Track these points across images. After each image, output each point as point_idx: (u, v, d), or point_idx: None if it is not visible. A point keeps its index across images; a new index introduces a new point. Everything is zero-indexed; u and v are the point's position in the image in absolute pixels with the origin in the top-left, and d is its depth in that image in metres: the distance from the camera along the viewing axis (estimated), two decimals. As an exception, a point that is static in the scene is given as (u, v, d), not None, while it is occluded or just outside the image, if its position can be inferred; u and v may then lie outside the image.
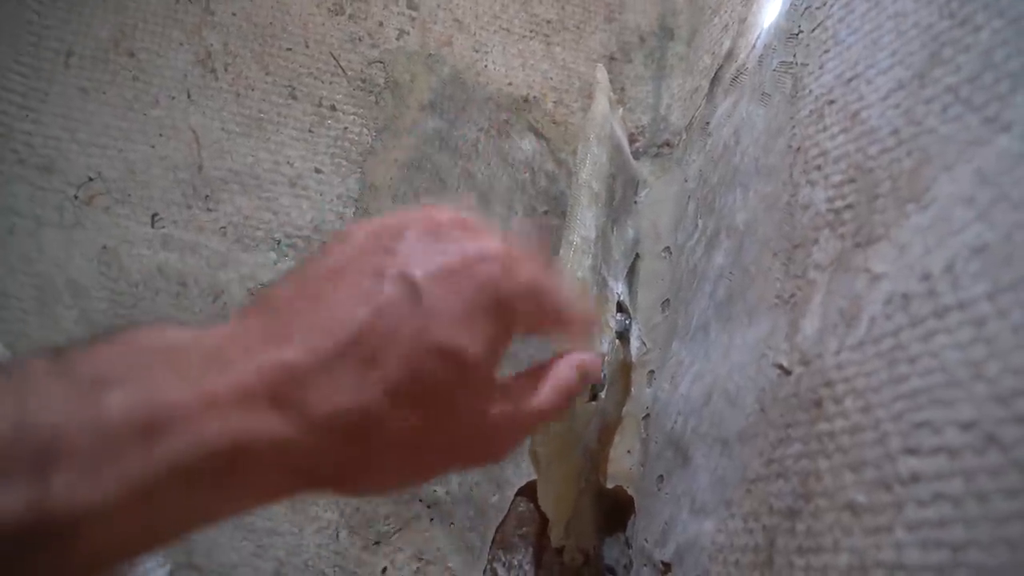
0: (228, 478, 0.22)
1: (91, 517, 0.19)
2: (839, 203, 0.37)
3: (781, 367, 0.37)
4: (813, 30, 0.44)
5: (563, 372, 0.32)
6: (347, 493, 0.27)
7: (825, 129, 0.40)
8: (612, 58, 0.68)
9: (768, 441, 0.37)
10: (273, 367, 0.23)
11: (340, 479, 0.25)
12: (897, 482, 0.28)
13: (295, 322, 0.24)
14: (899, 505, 0.27)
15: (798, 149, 0.42)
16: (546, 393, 0.30)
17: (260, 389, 0.23)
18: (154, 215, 0.52)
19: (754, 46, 0.53)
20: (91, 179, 0.51)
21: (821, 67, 0.42)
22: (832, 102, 0.40)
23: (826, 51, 0.42)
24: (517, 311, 0.28)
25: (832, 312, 0.35)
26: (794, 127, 0.43)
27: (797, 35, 0.46)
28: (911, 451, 0.27)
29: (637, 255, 0.61)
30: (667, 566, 0.45)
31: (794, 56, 0.45)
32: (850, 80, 0.39)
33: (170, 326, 0.24)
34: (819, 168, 0.39)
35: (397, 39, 0.62)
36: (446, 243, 0.27)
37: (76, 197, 0.51)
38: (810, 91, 0.42)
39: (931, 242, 0.30)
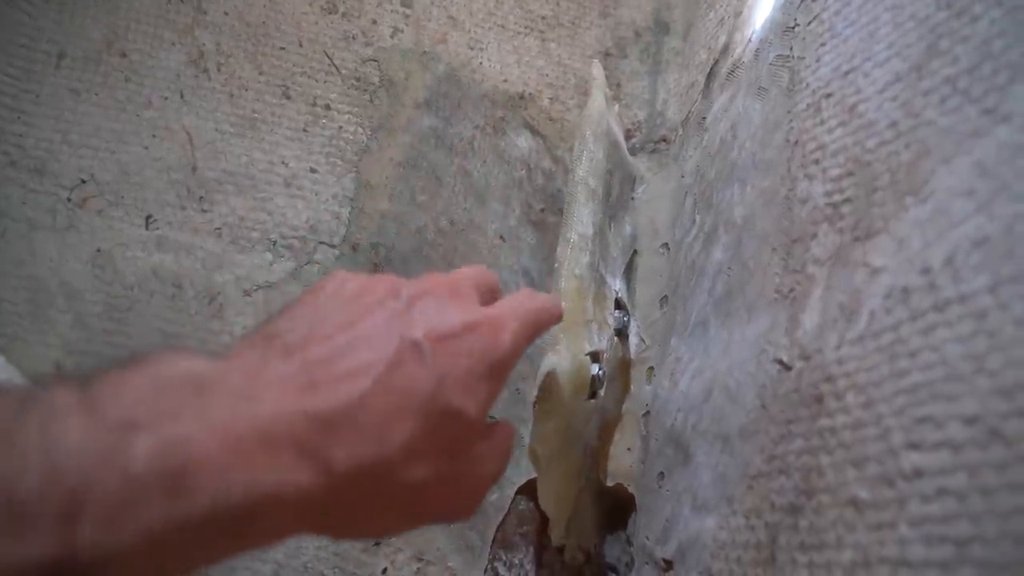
0: (246, 526, 0.23)
1: (113, 564, 0.20)
2: (837, 197, 0.37)
3: (781, 362, 0.37)
4: (809, 23, 0.44)
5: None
6: (345, 537, 0.28)
7: (823, 123, 0.39)
8: (607, 54, 0.68)
9: (769, 437, 0.36)
10: (300, 416, 0.24)
11: (347, 525, 0.27)
12: (900, 477, 0.27)
13: (317, 370, 0.25)
14: (902, 501, 0.27)
15: (796, 143, 0.41)
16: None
17: (286, 438, 0.23)
18: (148, 217, 0.51)
19: (750, 40, 0.53)
20: (84, 181, 0.51)
21: (818, 60, 0.41)
22: (829, 95, 0.39)
23: (822, 44, 0.41)
24: (507, 369, 0.31)
25: (832, 307, 0.34)
26: (791, 121, 0.43)
27: (793, 28, 0.45)
28: (913, 446, 0.27)
29: (635, 252, 0.60)
30: (669, 564, 0.44)
31: (790, 49, 0.45)
32: (847, 73, 0.38)
33: (187, 355, 0.24)
34: (817, 162, 0.39)
35: (391, 37, 0.61)
36: (446, 313, 0.29)
37: (69, 199, 0.50)
38: (807, 85, 0.42)
39: (931, 235, 0.29)
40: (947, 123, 0.31)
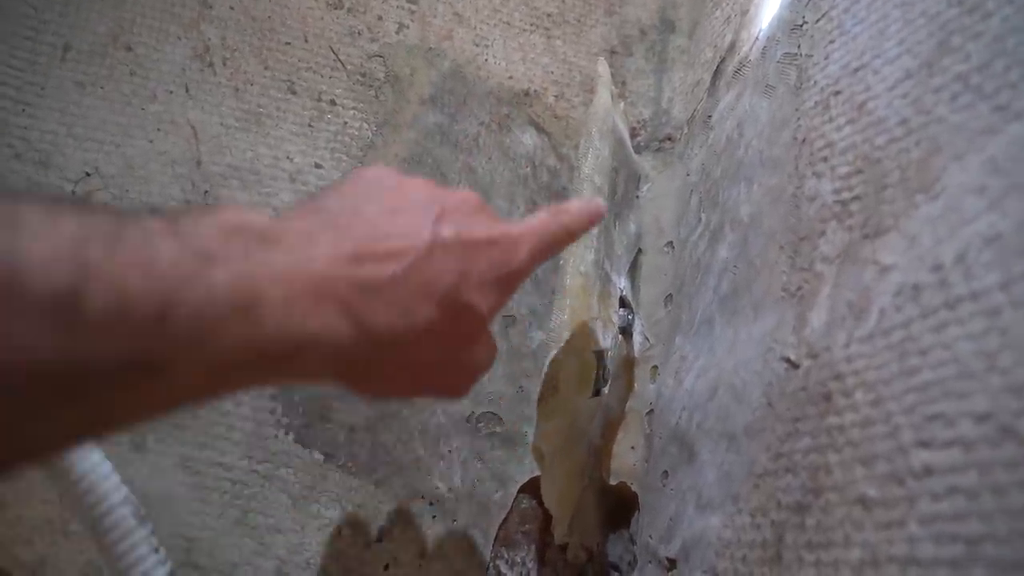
0: (291, 361, 0.26)
1: (186, 367, 0.23)
2: (846, 194, 0.36)
3: (788, 361, 0.37)
4: (818, 20, 0.43)
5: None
6: (361, 391, 0.32)
7: (831, 120, 0.39)
8: (613, 52, 0.68)
9: (776, 435, 0.36)
10: (346, 281, 0.28)
11: (364, 380, 0.31)
12: (910, 476, 0.27)
13: (361, 245, 0.29)
14: (912, 499, 0.27)
15: (803, 141, 0.41)
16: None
17: (332, 296, 0.27)
18: (153, 211, 0.51)
19: (757, 38, 0.53)
20: (89, 175, 0.51)
21: (826, 58, 0.41)
22: (838, 93, 0.39)
23: (831, 41, 0.41)
24: (517, 282, 0.35)
25: (840, 305, 0.34)
26: (799, 119, 0.42)
27: (801, 26, 0.45)
28: (924, 444, 0.27)
29: (639, 250, 0.60)
30: (672, 562, 0.44)
31: (798, 47, 0.45)
32: (856, 70, 0.38)
33: (251, 209, 0.27)
34: (825, 160, 0.39)
35: (397, 33, 0.61)
36: (473, 223, 0.33)
37: (74, 192, 0.50)
38: (815, 82, 0.42)
39: (942, 232, 0.29)
40: (958, 120, 0.30)
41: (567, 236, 0.38)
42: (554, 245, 0.37)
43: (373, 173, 0.33)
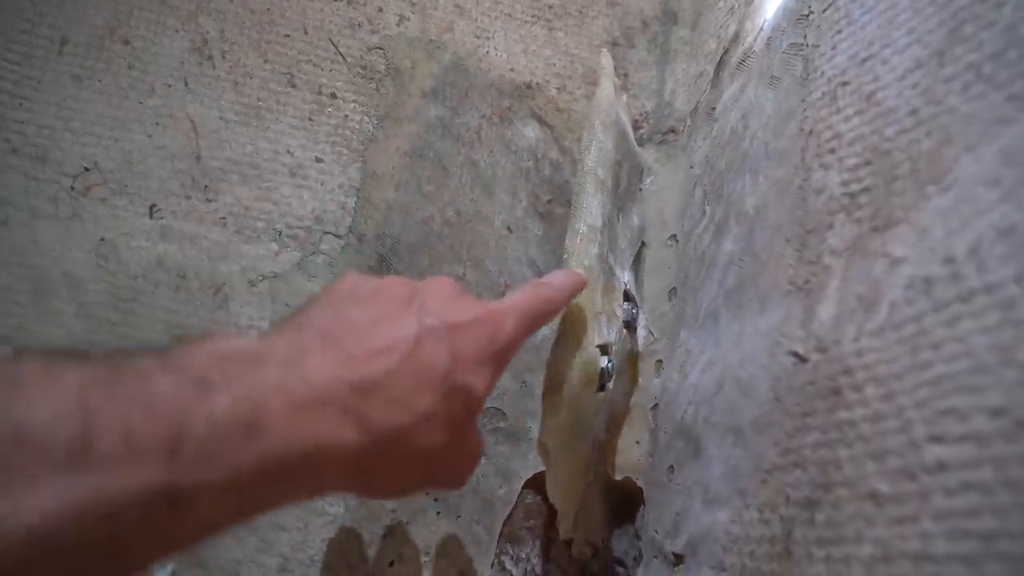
0: (301, 473, 0.27)
1: (204, 495, 0.23)
2: (855, 186, 0.36)
3: (796, 355, 0.36)
4: (824, 10, 0.43)
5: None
6: (367, 493, 0.32)
7: (839, 111, 0.39)
8: (615, 43, 0.67)
9: (784, 430, 0.36)
10: (342, 384, 0.28)
11: (371, 483, 0.31)
12: (922, 471, 0.27)
13: (352, 348, 0.30)
14: (925, 494, 0.27)
15: (810, 132, 0.41)
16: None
17: (331, 401, 0.28)
18: (152, 206, 0.51)
19: (761, 28, 0.52)
20: (87, 169, 0.50)
21: (834, 48, 0.41)
22: (846, 83, 0.39)
23: (838, 31, 0.41)
24: (508, 356, 0.36)
25: (849, 298, 0.34)
26: (806, 110, 0.42)
27: (807, 16, 0.45)
28: (937, 439, 0.27)
29: (643, 243, 0.60)
30: (679, 557, 0.44)
31: (804, 37, 0.44)
32: (865, 60, 0.38)
33: (235, 334, 0.28)
34: (833, 151, 0.38)
35: (397, 25, 0.60)
36: (456, 307, 0.34)
37: (72, 188, 0.49)
38: (822, 73, 0.41)
39: (954, 224, 0.29)
40: (970, 110, 0.30)
41: (551, 308, 0.39)
42: (539, 318, 0.38)
43: (348, 283, 0.34)
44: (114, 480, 0.21)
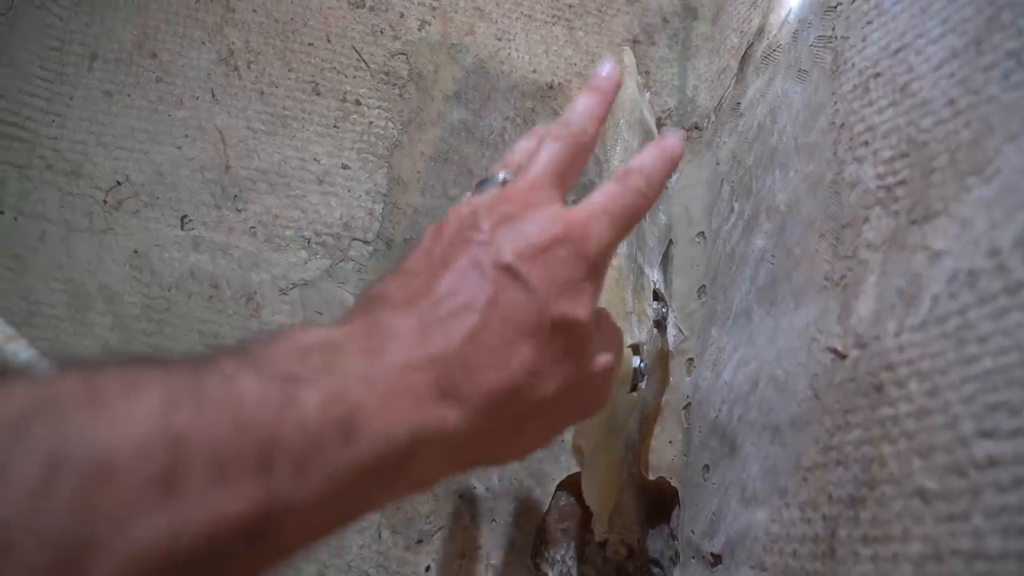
0: (406, 468, 0.24)
1: (301, 508, 0.21)
2: (890, 179, 0.35)
3: (835, 351, 0.36)
4: (853, 1, 0.42)
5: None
6: (495, 463, 0.31)
7: (871, 103, 0.38)
8: (635, 41, 0.67)
9: (824, 428, 0.35)
10: (427, 361, 0.25)
11: (492, 453, 0.29)
12: (972, 467, 0.26)
13: (426, 317, 0.27)
14: (976, 491, 0.26)
15: (842, 125, 0.40)
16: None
17: (421, 383, 0.25)
18: (183, 217, 0.51)
19: (786, 21, 0.52)
20: (119, 183, 0.51)
21: (864, 39, 0.40)
22: (878, 75, 0.38)
23: (869, 22, 0.40)
24: (604, 267, 0.31)
25: (889, 292, 0.33)
26: (836, 103, 0.41)
27: (835, 7, 0.44)
28: (986, 434, 0.26)
29: (670, 241, 0.59)
30: (717, 558, 0.44)
31: (833, 29, 0.44)
32: (897, 51, 0.37)
33: (312, 326, 0.26)
34: (866, 144, 0.38)
35: (419, 30, 0.61)
36: (530, 230, 0.29)
37: (105, 201, 0.50)
38: (853, 65, 0.41)
39: (998, 216, 0.28)
40: (1011, 99, 0.29)
41: (643, 200, 0.33)
42: (633, 213, 0.33)
43: (424, 244, 0.31)
44: (205, 511, 0.19)
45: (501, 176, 0.34)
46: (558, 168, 0.33)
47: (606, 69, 0.37)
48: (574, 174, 0.34)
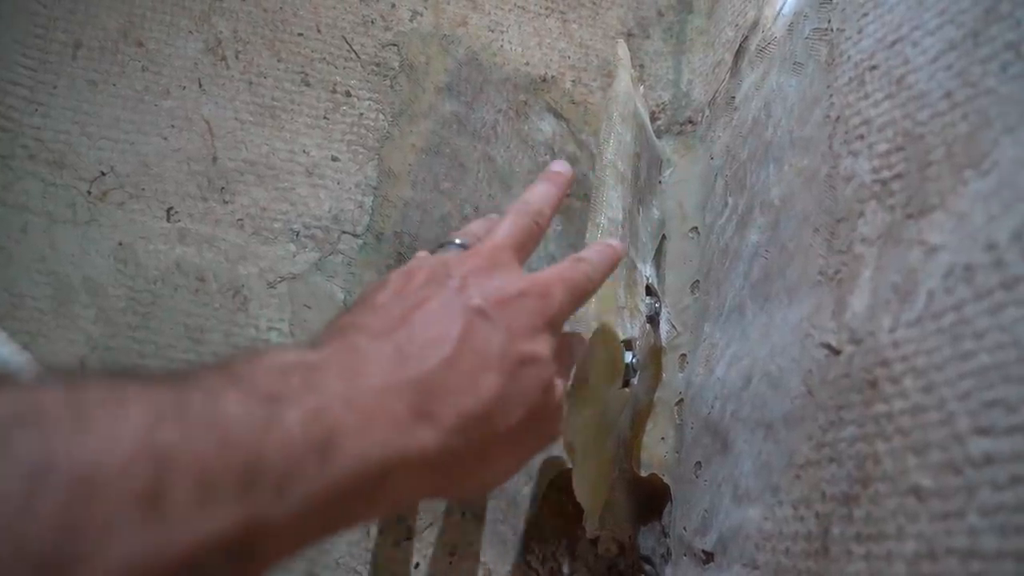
0: (382, 488, 0.25)
1: (281, 529, 0.22)
2: (886, 173, 0.35)
3: (829, 347, 0.36)
4: (849, -6, 0.42)
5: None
6: (460, 491, 0.32)
7: (867, 96, 0.38)
8: (630, 34, 0.66)
9: (818, 424, 0.35)
10: (404, 384, 0.27)
11: (460, 478, 0.30)
12: (968, 464, 0.26)
13: (403, 345, 0.28)
14: (971, 489, 0.26)
15: (837, 119, 0.40)
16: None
17: (399, 404, 0.26)
18: (169, 209, 0.50)
19: (781, 14, 0.51)
20: (103, 174, 0.50)
21: (860, 32, 0.40)
22: (874, 68, 0.38)
23: (865, 15, 0.40)
24: (561, 325, 0.35)
25: (884, 287, 0.33)
26: (832, 96, 0.41)
27: (831, 0, 0.44)
28: (982, 431, 0.26)
29: (663, 236, 0.59)
30: (709, 555, 0.43)
31: (829, 22, 0.43)
32: (894, 43, 0.37)
33: (288, 347, 0.28)
34: (862, 137, 0.37)
35: (410, 20, 0.60)
36: (498, 283, 0.32)
37: (89, 192, 0.49)
38: (848, 57, 0.40)
39: (995, 209, 0.28)
40: (1009, 91, 0.29)
41: (592, 285, 0.38)
42: (583, 293, 0.37)
43: (376, 283, 0.33)
44: (189, 530, 0.19)
45: (459, 241, 0.38)
46: (519, 239, 0.36)
47: (559, 165, 0.42)
48: (530, 248, 0.38)
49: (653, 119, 0.64)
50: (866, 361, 0.33)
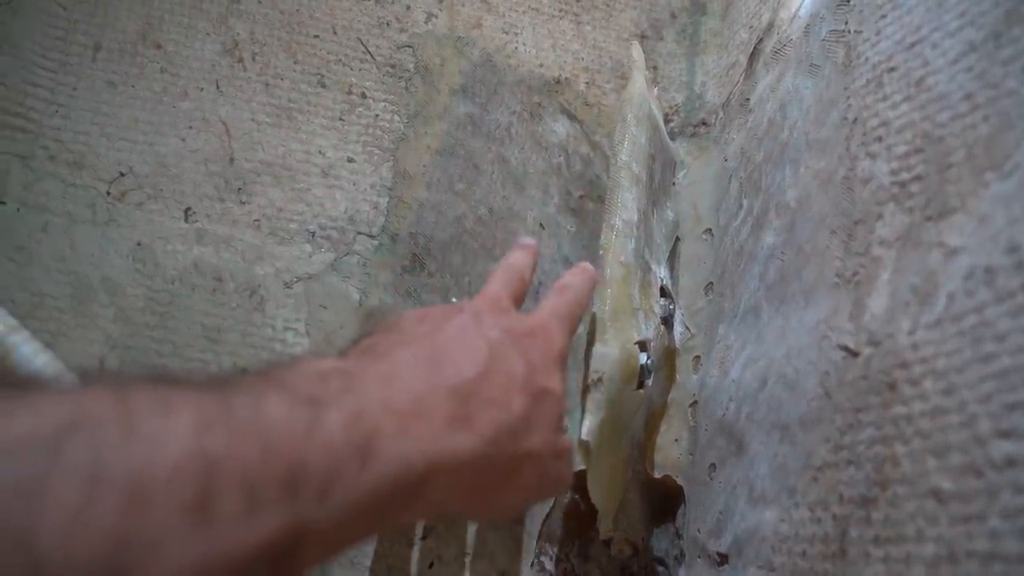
0: (420, 492, 0.26)
1: (322, 533, 0.22)
2: (905, 175, 0.35)
3: (847, 349, 0.36)
4: (867, -5, 0.42)
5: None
6: (490, 509, 0.32)
7: (885, 98, 0.38)
8: (643, 36, 0.66)
9: (835, 426, 0.35)
10: (442, 390, 0.28)
11: (492, 490, 0.30)
12: (989, 467, 0.26)
13: (439, 354, 0.29)
14: (992, 492, 0.26)
15: (855, 121, 0.40)
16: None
17: (435, 409, 0.27)
18: (187, 209, 0.51)
19: (797, 16, 0.51)
20: (122, 174, 0.50)
21: (878, 33, 0.40)
22: (893, 69, 0.38)
23: (883, 16, 0.40)
24: (566, 362, 0.37)
25: (903, 290, 0.33)
26: (849, 98, 0.41)
27: (849, 2, 0.44)
28: (1004, 434, 0.26)
29: (678, 238, 0.59)
30: (724, 557, 0.43)
31: (846, 24, 0.43)
32: (913, 45, 0.37)
33: (317, 357, 0.27)
34: (880, 139, 0.37)
35: (425, 22, 0.60)
36: (500, 318, 0.34)
37: (108, 193, 0.50)
38: (866, 59, 0.40)
39: (1017, 212, 0.28)
40: (1031, 93, 0.29)
41: (580, 311, 0.40)
42: (575, 321, 0.39)
43: (391, 319, 0.34)
44: (236, 537, 0.19)
45: (455, 300, 0.40)
46: (513, 289, 0.38)
47: (525, 239, 0.43)
48: (520, 301, 0.39)
49: (667, 121, 0.64)
50: (885, 363, 0.33)
